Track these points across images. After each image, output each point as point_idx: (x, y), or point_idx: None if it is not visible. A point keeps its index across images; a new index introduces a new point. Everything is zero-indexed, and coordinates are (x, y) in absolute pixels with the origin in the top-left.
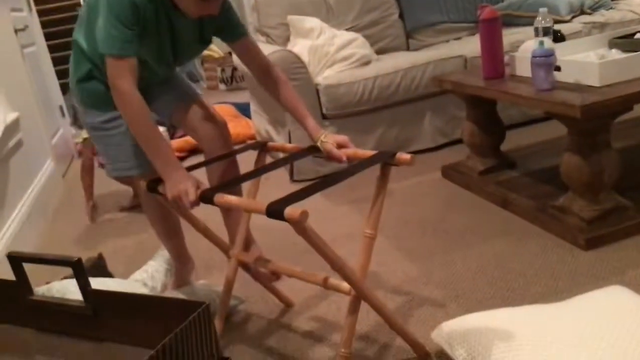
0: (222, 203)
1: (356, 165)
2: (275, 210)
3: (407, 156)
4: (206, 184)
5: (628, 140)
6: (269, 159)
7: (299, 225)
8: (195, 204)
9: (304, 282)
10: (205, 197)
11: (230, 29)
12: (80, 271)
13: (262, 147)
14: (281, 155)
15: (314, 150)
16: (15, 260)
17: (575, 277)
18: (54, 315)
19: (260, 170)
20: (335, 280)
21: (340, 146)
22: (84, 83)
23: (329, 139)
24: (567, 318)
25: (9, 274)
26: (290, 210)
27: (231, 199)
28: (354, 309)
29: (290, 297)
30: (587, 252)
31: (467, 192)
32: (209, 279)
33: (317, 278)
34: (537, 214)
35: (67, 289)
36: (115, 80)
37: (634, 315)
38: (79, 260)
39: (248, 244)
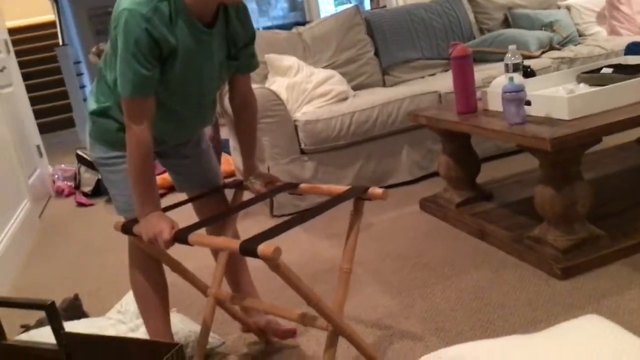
0: (196, 242)
1: (330, 201)
2: (248, 248)
3: (379, 191)
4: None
5: (599, 171)
6: (247, 195)
7: (273, 262)
8: (169, 243)
9: (282, 318)
10: (180, 237)
11: (249, 57)
12: (54, 314)
13: (239, 185)
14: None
15: (288, 187)
16: None
17: (552, 307)
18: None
19: (235, 208)
20: (313, 315)
21: (270, 182)
22: (97, 117)
23: (258, 179)
24: (545, 348)
25: None
26: (263, 247)
27: (205, 237)
28: (331, 344)
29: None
30: (563, 282)
31: (445, 224)
32: (189, 313)
33: (294, 314)
34: (514, 245)
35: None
36: (128, 120)
37: (609, 344)
38: (53, 303)
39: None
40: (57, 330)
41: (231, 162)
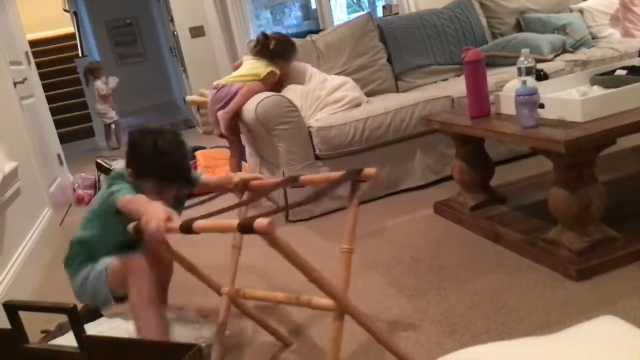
0: (199, 228)
1: (327, 187)
2: (245, 225)
3: (371, 170)
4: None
5: (613, 173)
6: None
7: (269, 236)
8: (164, 226)
9: (296, 310)
10: (185, 227)
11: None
12: (76, 318)
13: (244, 186)
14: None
15: (290, 180)
16: (11, 308)
17: (567, 309)
18: None
19: (238, 204)
20: (319, 299)
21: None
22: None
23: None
24: (561, 350)
25: (4, 322)
26: (259, 222)
27: (207, 222)
28: (336, 322)
29: (288, 336)
30: (578, 284)
31: (459, 227)
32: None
33: (301, 300)
34: (528, 247)
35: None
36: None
37: (626, 345)
38: (74, 307)
39: None
40: (79, 334)
41: (246, 168)
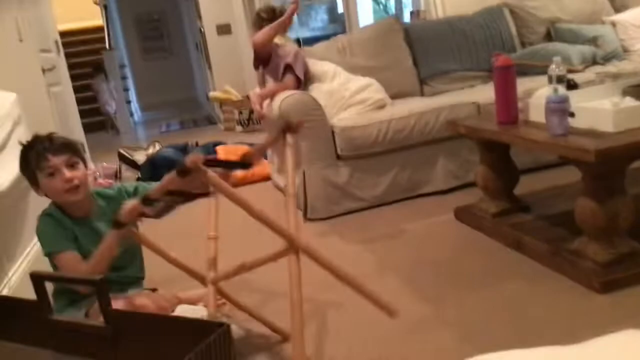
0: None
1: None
2: (180, 168)
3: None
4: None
5: None
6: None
7: (199, 171)
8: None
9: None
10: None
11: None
12: (103, 291)
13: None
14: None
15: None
16: (38, 279)
17: (590, 320)
18: (74, 336)
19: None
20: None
21: None
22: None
23: None
24: None
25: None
26: (190, 158)
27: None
28: (294, 270)
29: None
30: (602, 296)
31: (479, 234)
32: None
33: (263, 258)
34: (551, 257)
35: None
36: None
37: None
38: (103, 279)
39: None
40: (105, 308)
41: (267, 165)
